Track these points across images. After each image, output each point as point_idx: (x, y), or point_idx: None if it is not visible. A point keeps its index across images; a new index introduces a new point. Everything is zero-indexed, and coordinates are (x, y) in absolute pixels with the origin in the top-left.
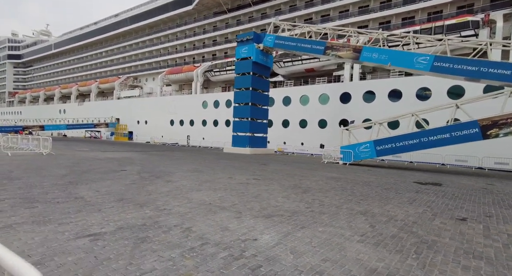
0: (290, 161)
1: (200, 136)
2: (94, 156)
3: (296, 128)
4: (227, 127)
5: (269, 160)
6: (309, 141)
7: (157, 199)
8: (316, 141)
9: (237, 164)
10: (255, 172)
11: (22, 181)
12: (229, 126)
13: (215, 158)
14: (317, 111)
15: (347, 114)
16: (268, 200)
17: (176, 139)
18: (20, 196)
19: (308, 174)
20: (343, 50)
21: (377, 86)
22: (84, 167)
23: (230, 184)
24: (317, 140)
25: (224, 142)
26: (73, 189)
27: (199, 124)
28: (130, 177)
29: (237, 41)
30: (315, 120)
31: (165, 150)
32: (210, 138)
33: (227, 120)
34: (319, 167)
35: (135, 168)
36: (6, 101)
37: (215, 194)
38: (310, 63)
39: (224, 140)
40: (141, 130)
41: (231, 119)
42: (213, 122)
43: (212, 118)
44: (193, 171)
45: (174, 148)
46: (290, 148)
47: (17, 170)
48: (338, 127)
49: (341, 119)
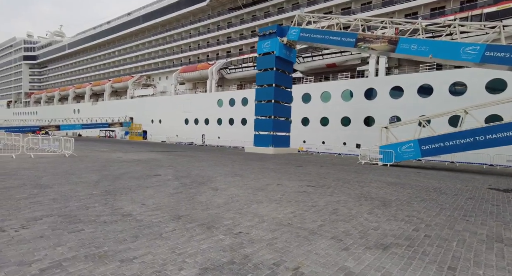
0: (322, 162)
1: (215, 135)
2: (118, 158)
3: (317, 126)
4: (243, 125)
5: (301, 161)
6: (331, 139)
7: (220, 215)
8: (339, 140)
9: (272, 166)
10: (300, 176)
11: (54, 190)
12: (246, 124)
13: (242, 158)
14: (339, 108)
15: (372, 111)
16: (356, 219)
17: (191, 138)
18: (58, 212)
19: (360, 178)
20: (377, 42)
21: (405, 81)
22: (113, 171)
23: (287, 193)
24: (340, 139)
25: (244, 141)
26: (114, 201)
27: (214, 123)
28: (170, 184)
29: (259, 35)
30: (337, 117)
31: (185, 150)
32: (225, 137)
33: (243, 119)
34: (362, 169)
35: (169, 171)
36: (23, 101)
37: (283, 208)
38: (332, 58)
39: (241, 139)
40: (155, 129)
41: (247, 118)
42: (228, 120)
43: (228, 116)
44: (233, 175)
45: (193, 147)
46: (311, 147)
47: (44, 175)
48: (362, 125)
49: (366, 117)
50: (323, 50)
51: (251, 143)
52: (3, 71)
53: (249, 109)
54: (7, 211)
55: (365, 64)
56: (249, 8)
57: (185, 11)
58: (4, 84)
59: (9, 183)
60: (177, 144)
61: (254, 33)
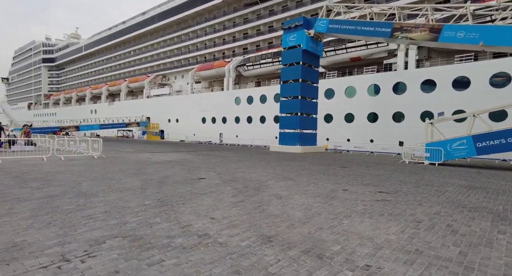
0: (361, 161)
1: (233, 133)
2: (148, 159)
3: (341, 123)
4: (262, 123)
5: (339, 161)
6: (357, 137)
7: (317, 237)
8: (365, 137)
9: (313, 167)
10: (356, 179)
11: (101, 200)
12: (264, 122)
13: (273, 158)
14: (365, 104)
15: (401, 107)
16: (497, 242)
17: (209, 137)
18: (119, 231)
19: (425, 181)
20: (416, 31)
21: (439, 73)
22: (152, 174)
23: (365, 202)
24: (367, 136)
25: (265, 139)
26: (174, 213)
27: (232, 121)
28: (223, 190)
29: (284, 28)
30: (363, 114)
31: (210, 149)
32: (243, 136)
33: (262, 117)
34: (415, 170)
35: (211, 174)
36: (42, 103)
37: (384, 225)
38: (356, 51)
39: (259, 137)
40: (172, 128)
41: (266, 116)
42: (246, 119)
43: (246, 115)
44: (283, 179)
45: (214, 147)
46: (340, 145)
47: (83, 180)
48: (391, 121)
49: (395, 112)
50: (346, 43)
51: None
52: (24, 74)
53: (267, 106)
54: (61, 229)
55: (392, 57)
56: (266, 3)
57: (200, 9)
58: (25, 87)
59: (51, 190)
60: (196, 143)
61: (272, 28)
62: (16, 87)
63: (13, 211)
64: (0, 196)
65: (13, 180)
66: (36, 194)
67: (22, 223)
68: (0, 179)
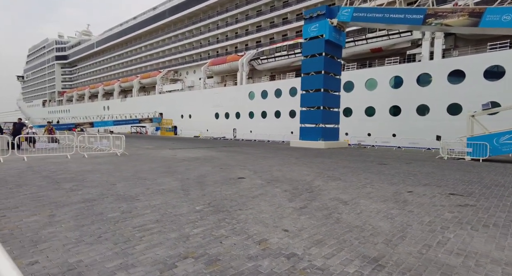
0: (395, 157)
1: (247, 129)
2: (172, 156)
3: (361, 117)
4: (276, 118)
5: (371, 157)
6: (378, 131)
7: (433, 258)
8: (387, 131)
9: (351, 164)
10: (410, 178)
11: (145, 205)
12: (279, 117)
13: (300, 154)
14: (387, 97)
15: (426, 99)
16: None
17: (222, 133)
18: (186, 249)
19: (487, 180)
20: (453, 17)
21: (468, 63)
22: (186, 173)
23: (446, 207)
24: (389, 130)
25: (283, 135)
26: (240, 224)
27: (246, 116)
28: (273, 192)
29: (305, 18)
30: (385, 107)
31: (229, 145)
32: (258, 131)
33: (277, 111)
34: (463, 166)
35: (247, 173)
36: (56, 100)
37: (497, 241)
38: (377, 41)
39: (275, 132)
40: (185, 124)
41: (281, 110)
42: (261, 113)
43: (260, 109)
44: (331, 179)
45: (232, 143)
46: (353, 140)
47: (116, 180)
48: (415, 114)
49: (419, 105)
50: (367, 33)
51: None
52: (38, 71)
53: (283, 101)
54: (116, 245)
55: (416, 47)
56: None
57: (212, 2)
58: (39, 84)
59: (87, 193)
60: (211, 139)
61: (286, 20)
62: (31, 84)
63: (54, 219)
64: (37, 199)
65: (44, 180)
66: (72, 197)
67: (70, 235)
68: (31, 179)
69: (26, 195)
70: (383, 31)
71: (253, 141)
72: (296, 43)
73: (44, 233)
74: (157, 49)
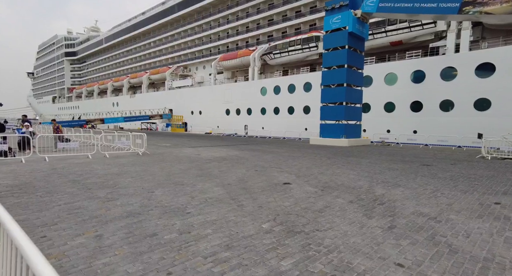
0: (430, 156)
1: (259, 125)
2: (196, 156)
3: (380, 113)
4: (290, 114)
5: (401, 155)
6: (398, 128)
7: None
8: (408, 128)
9: (393, 166)
10: (476, 183)
11: (202, 222)
12: (293, 113)
13: (328, 153)
14: (408, 92)
15: (450, 94)
16: None
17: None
18: None
19: None
20: (495, 3)
21: (498, 55)
22: (222, 177)
23: None
24: (409, 127)
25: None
26: (333, 255)
27: (258, 112)
28: (339, 205)
29: (326, 9)
30: (405, 102)
31: (246, 143)
32: (270, 128)
33: (290, 107)
34: None
35: (289, 177)
36: (66, 96)
37: None
38: (398, 34)
39: (288, 129)
40: (196, 120)
41: (295, 106)
42: (273, 110)
43: (273, 105)
44: (391, 186)
45: (246, 140)
46: (374, 137)
47: (151, 186)
48: (438, 110)
49: (443, 100)
50: (386, 26)
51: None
52: (47, 68)
53: (296, 96)
54: None
55: (439, 39)
56: None
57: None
58: (49, 81)
59: (126, 203)
60: (223, 136)
61: (299, 13)
62: (41, 81)
63: (103, 242)
64: (74, 212)
65: (74, 186)
66: (113, 210)
67: (131, 270)
68: (60, 185)
69: (61, 206)
70: (404, 23)
71: (267, 138)
72: (311, 37)
73: (99, 266)
74: (166, 45)
